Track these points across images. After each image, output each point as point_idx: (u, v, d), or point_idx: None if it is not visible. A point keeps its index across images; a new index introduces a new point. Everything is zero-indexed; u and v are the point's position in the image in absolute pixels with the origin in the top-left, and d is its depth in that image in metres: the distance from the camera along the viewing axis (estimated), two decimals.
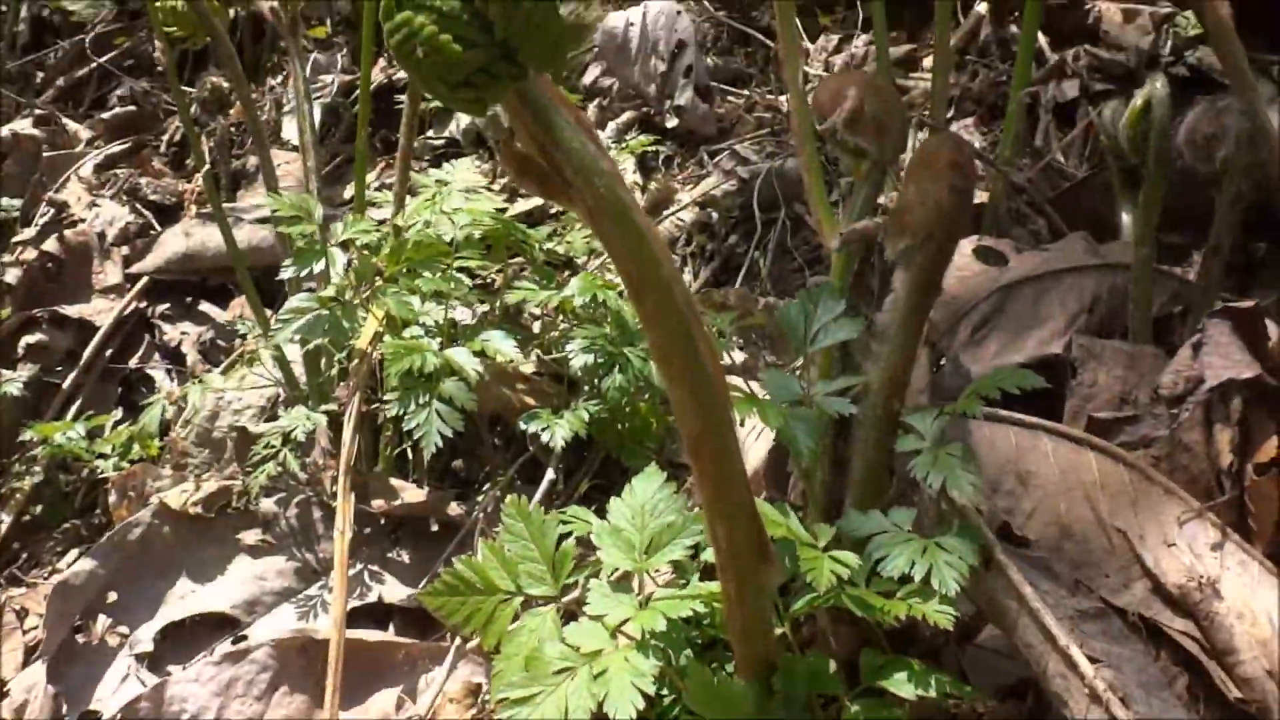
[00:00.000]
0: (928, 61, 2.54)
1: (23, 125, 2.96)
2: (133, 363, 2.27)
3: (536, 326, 1.92)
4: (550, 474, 1.63)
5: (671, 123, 2.50)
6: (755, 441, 1.46)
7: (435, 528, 1.66)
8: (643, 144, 2.27)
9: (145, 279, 2.37)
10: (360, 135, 1.86)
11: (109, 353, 2.27)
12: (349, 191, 2.31)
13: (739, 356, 1.59)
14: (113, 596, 1.63)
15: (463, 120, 2.71)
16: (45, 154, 2.85)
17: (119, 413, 2.15)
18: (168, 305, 2.35)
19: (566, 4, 0.75)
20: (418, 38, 0.70)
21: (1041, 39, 2.40)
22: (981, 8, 2.53)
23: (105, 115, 3.07)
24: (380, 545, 1.65)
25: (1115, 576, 1.15)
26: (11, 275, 2.36)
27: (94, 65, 3.36)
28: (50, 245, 2.39)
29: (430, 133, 2.77)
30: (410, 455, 1.75)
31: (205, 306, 2.36)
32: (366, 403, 1.63)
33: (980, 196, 1.82)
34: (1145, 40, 2.29)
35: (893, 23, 2.70)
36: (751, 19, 2.89)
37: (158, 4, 1.84)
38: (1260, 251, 1.57)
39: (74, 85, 3.37)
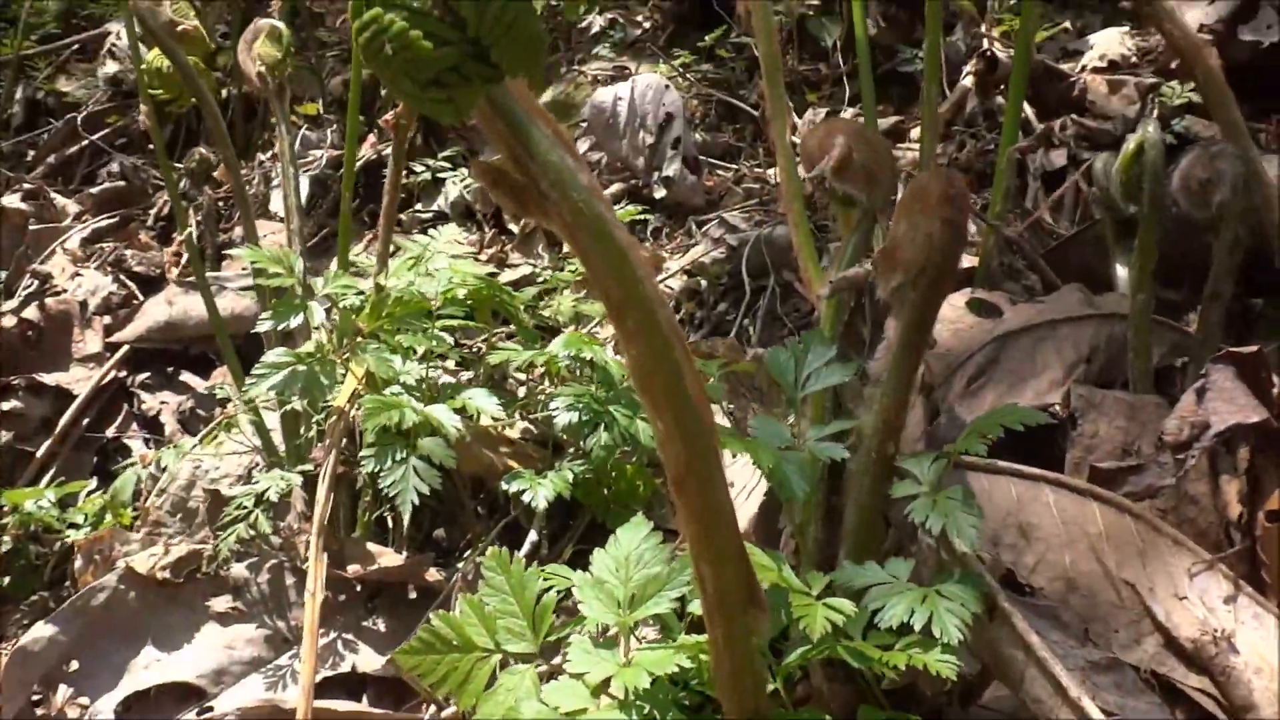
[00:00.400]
0: (915, 132, 2.54)
1: (11, 200, 2.95)
2: (110, 431, 2.23)
3: (522, 392, 1.88)
4: (533, 536, 1.58)
5: (660, 194, 2.49)
6: (745, 500, 1.42)
7: (413, 594, 1.60)
8: (630, 214, 2.26)
9: (126, 347, 2.33)
10: (345, 197, 1.85)
11: (86, 421, 2.23)
12: (335, 264, 2.29)
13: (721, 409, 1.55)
14: (74, 665, 1.56)
15: (451, 192, 2.71)
16: (32, 227, 2.83)
17: (93, 482, 2.10)
18: (148, 374, 2.31)
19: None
20: (387, 34, 0.67)
21: (1028, 109, 2.42)
22: (968, 81, 2.55)
23: (94, 190, 3.07)
24: (355, 613, 1.58)
25: (1125, 632, 1.09)
26: None
27: (85, 143, 3.37)
28: (30, 313, 2.36)
29: (419, 205, 2.76)
30: (390, 521, 1.69)
31: (186, 376, 2.32)
32: (344, 464, 1.58)
33: (972, 256, 1.80)
34: (1131, 109, 2.30)
35: (879, 98, 2.72)
36: (739, 95, 2.91)
37: (143, 66, 1.84)
38: (1259, 305, 1.54)
39: (65, 162, 3.38)
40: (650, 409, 0.82)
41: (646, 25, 3.43)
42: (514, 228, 2.57)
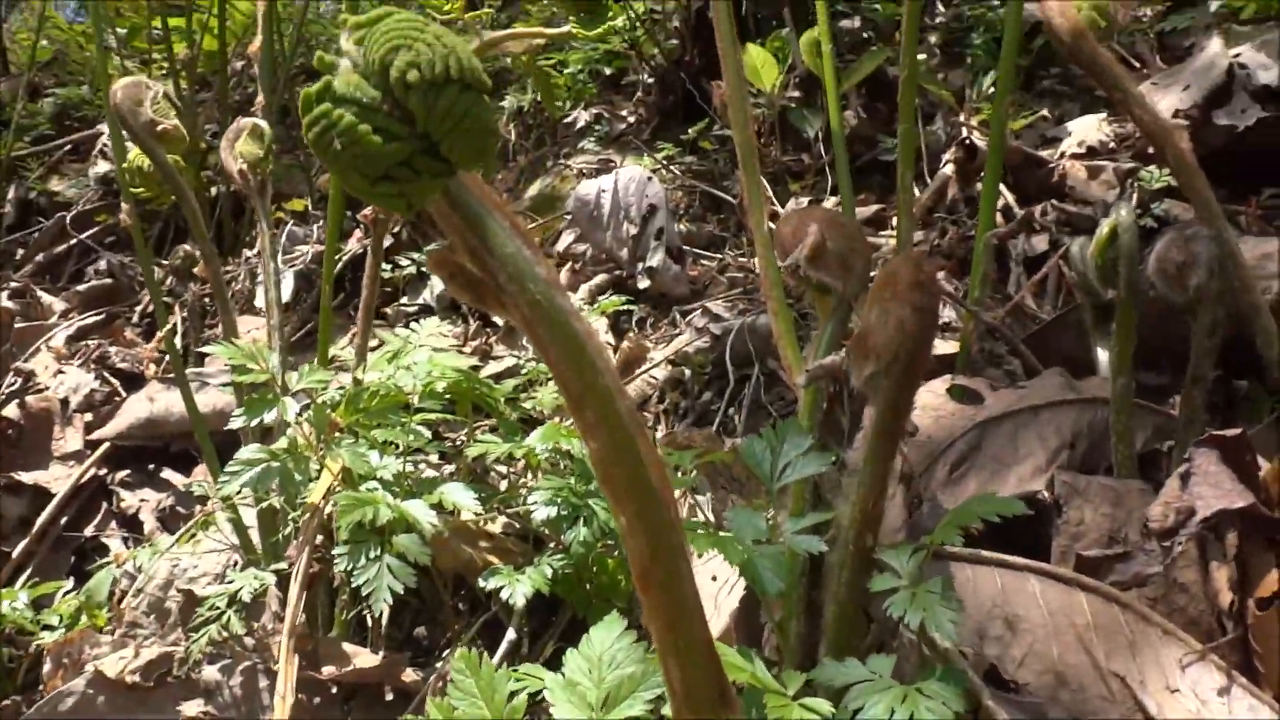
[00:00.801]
0: (896, 220, 2.56)
1: None
2: (88, 531, 2.20)
3: (504, 485, 1.85)
4: (511, 634, 1.54)
5: (644, 284, 2.50)
6: (727, 595, 1.38)
7: (390, 695, 1.55)
8: (614, 304, 2.26)
9: (106, 445, 2.31)
10: (325, 291, 1.84)
11: (64, 520, 2.20)
12: (317, 359, 2.29)
13: (703, 501, 1.52)
14: None
15: (436, 286, 2.71)
16: (17, 325, 2.82)
17: (70, 582, 2.06)
18: (128, 472, 2.29)
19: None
20: (335, 129, 0.67)
21: (1009, 195, 2.44)
22: (948, 169, 2.57)
23: (81, 287, 3.08)
24: (330, 715, 1.54)
25: None
26: None
27: (74, 241, 3.39)
28: (10, 411, 2.34)
29: (404, 299, 2.76)
30: (369, 620, 1.65)
31: (167, 473, 2.30)
32: (320, 562, 1.55)
33: (953, 342, 1.80)
34: (1111, 194, 2.31)
35: (860, 187, 2.75)
36: (723, 186, 2.93)
37: (124, 165, 1.85)
38: (1241, 388, 1.53)
39: (53, 260, 3.40)
40: (613, 502, 0.80)
41: (631, 120, 3.48)
42: (499, 320, 2.57)
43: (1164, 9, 2.89)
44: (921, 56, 3.01)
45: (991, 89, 2.77)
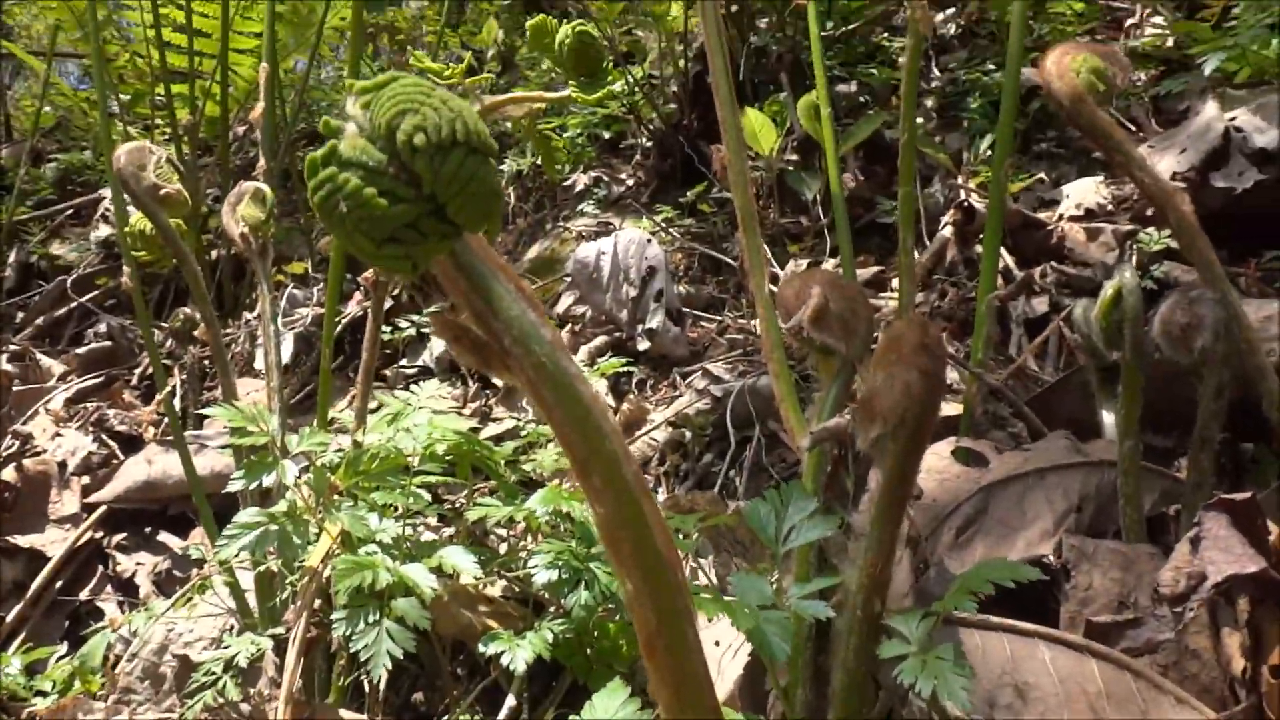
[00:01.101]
0: (896, 282, 2.56)
1: None
2: (84, 595, 2.17)
3: (504, 549, 1.84)
4: (511, 700, 1.51)
5: (643, 345, 2.49)
6: (731, 660, 1.36)
7: None
8: (614, 366, 2.25)
9: (103, 508, 2.29)
10: (324, 353, 1.84)
11: (59, 584, 2.17)
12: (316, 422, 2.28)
13: (706, 565, 1.51)
14: None
15: (436, 348, 2.71)
16: (16, 388, 2.82)
17: (64, 647, 2.04)
18: (125, 535, 2.27)
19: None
20: (341, 192, 0.67)
21: (1008, 258, 2.44)
22: (946, 231, 2.58)
23: (80, 350, 3.07)
24: None
25: None
26: None
27: (74, 304, 3.39)
28: (7, 475, 2.33)
29: (404, 361, 2.76)
30: (367, 686, 1.63)
31: (164, 536, 2.28)
32: (318, 627, 1.52)
33: (956, 405, 1.79)
34: (1110, 256, 2.32)
35: (859, 249, 2.76)
36: (722, 248, 2.94)
37: (126, 228, 1.85)
38: (1249, 451, 1.52)
39: (54, 323, 3.40)
40: (618, 568, 0.79)
41: (630, 183, 3.50)
42: (498, 382, 2.56)
43: (1158, 74, 2.93)
44: (919, 120, 3.04)
45: (989, 152, 2.79)
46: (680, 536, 1.38)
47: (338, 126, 0.70)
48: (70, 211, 4.07)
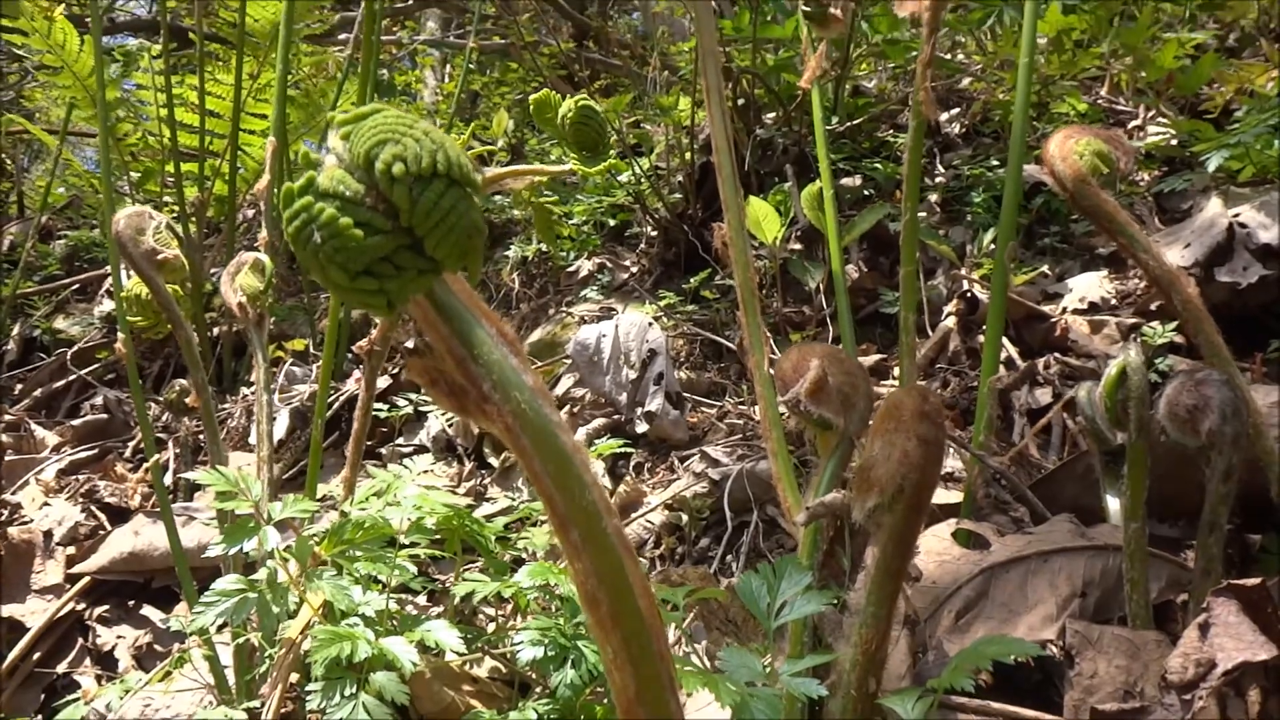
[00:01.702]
0: (898, 370, 2.54)
1: None
2: (61, 667, 2.11)
3: (491, 628, 1.78)
4: None
5: (642, 428, 2.46)
6: None
7: None
8: (611, 448, 2.21)
9: (86, 579, 2.24)
10: (316, 424, 1.81)
11: (37, 655, 2.11)
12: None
13: (699, 648, 1.45)
14: None
15: (433, 427, 2.68)
16: (8, 458, 2.79)
17: None
18: (107, 607, 2.22)
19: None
20: (316, 222, 0.65)
21: (1011, 349, 2.43)
22: (949, 321, 2.57)
23: (75, 422, 3.05)
24: None
25: None
26: None
27: (73, 377, 3.38)
28: None
29: (400, 439, 2.73)
30: None
31: (146, 610, 2.23)
32: (293, 700, 1.47)
33: (956, 492, 1.75)
34: (1114, 348, 2.30)
35: (861, 338, 2.74)
36: (724, 335, 2.93)
37: (123, 293, 1.84)
38: (1256, 541, 1.47)
39: (51, 395, 3.38)
40: (596, 629, 0.75)
41: (634, 270, 3.51)
42: (494, 461, 2.53)
43: (1161, 174, 2.94)
44: (922, 214, 3.05)
45: (992, 245, 2.79)
46: (668, 608, 1.34)
47: (317, 159, 0.69)
48: (76, 287, 4.08)
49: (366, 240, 0.65)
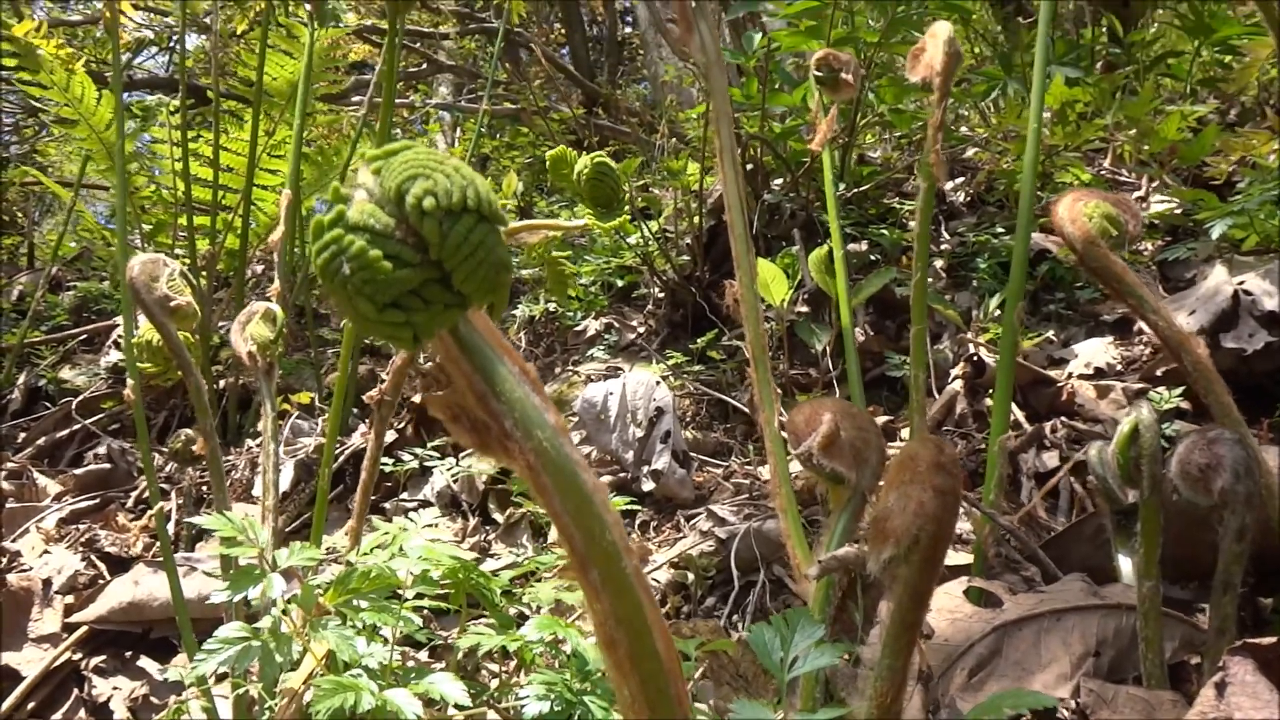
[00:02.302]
0: (905, 432, 2.54)
1: None
2: (56, 718, 2.08)
3: (495, 684, 1.76)
4: None
5: (648, 486, 2.46)
6: None
7: None
8: (617, 505, 2.21)
9: (84, 628, 2.21)
10: (323, 473, 1.81)
11: (30, 705, 2.08)
12: None
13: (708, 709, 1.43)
14: None
15: (438, 482, 2.67)
16: (10, 506, 2.78)
17: None
18: (104, 658, 2.19)
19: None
20: (345, 254, 0.65)
21: (1019, 413, 2.43)
22: (956, 384, 2.57)
23: (78, 471, 3.04)
24: None
25: None
26: None
27: (77, 426, 3.38)
28: None
29: (405, 494, 2.72)
30: None
31: (144, 661, 2.19)
32: None
33: (966, 554, 1.74)
34: (1121, 413, 2.30)
35: (869, 400, 2.75)
36: (731, 395, 2.93)
37: (133, 340, 1.85)
38: (1269, 605, 1.46)
39: (55, 444, 3.38)
40: (614, 671, 0.74)
41: (641, 330, 3.53)
42: (498, 517, 2.52)
43: (1164, 243, 2.97)
44: (928, 280, 3.07)
45: (998, 310, 2.81)
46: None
47: (347, 195, 0.70)
48: (83, 338, 4.09)
49: (395, 273, 0.65)
